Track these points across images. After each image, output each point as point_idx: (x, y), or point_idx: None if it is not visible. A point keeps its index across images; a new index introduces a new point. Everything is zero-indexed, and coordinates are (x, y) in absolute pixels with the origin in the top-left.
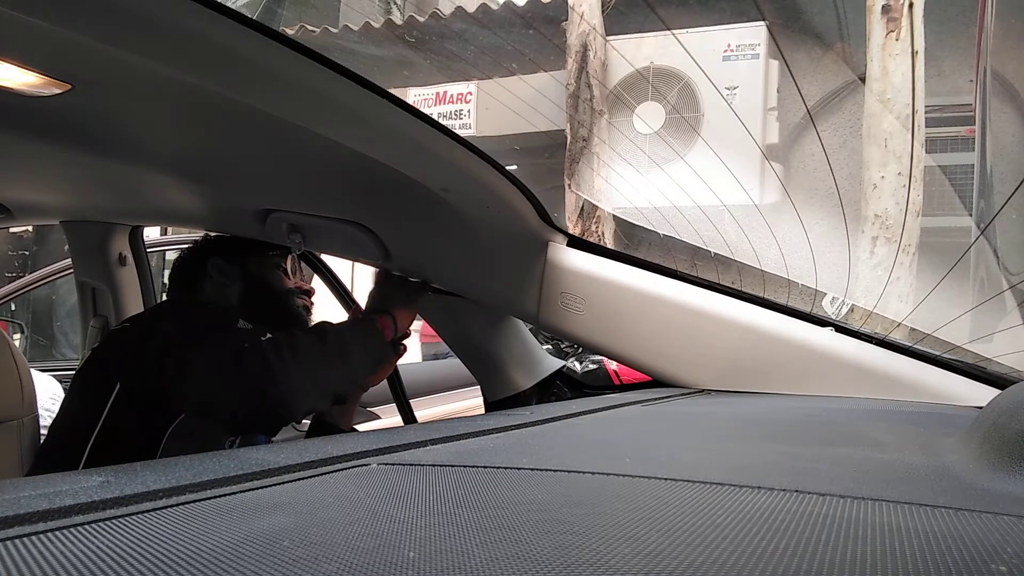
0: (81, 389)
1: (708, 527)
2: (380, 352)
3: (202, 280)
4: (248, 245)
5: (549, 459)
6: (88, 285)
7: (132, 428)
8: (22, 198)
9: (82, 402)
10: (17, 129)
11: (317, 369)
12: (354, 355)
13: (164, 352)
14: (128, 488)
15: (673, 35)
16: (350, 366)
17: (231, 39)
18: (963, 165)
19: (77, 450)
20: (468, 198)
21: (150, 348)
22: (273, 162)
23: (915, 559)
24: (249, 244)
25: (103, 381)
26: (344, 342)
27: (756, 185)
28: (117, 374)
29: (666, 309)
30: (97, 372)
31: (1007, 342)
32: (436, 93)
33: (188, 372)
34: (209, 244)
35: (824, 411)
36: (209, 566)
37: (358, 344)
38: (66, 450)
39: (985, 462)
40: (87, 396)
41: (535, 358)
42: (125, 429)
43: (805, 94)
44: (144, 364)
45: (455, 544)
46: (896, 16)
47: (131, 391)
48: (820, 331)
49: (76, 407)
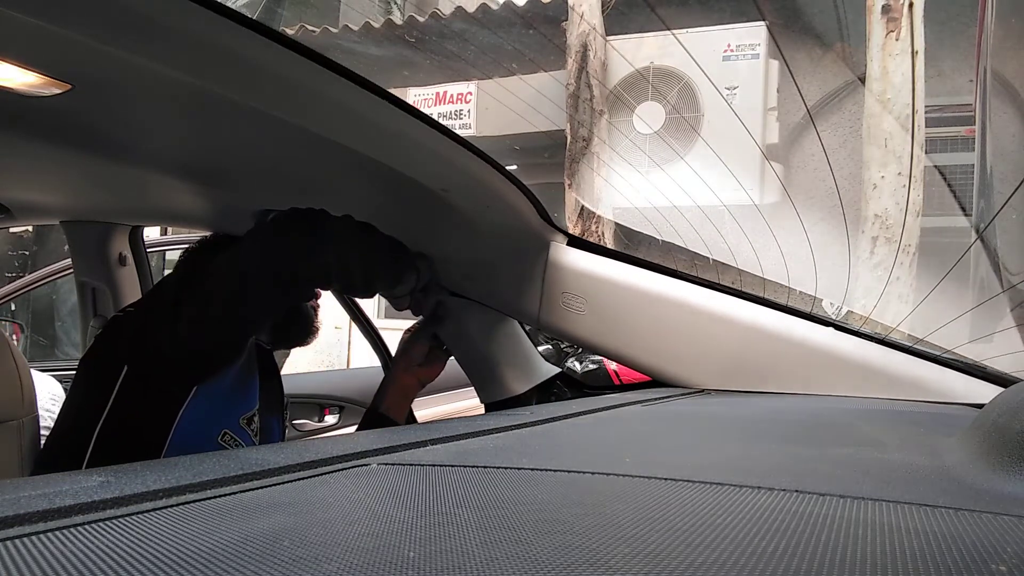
0: (85, 379)
1: (708, 527)
2: (402, 260)
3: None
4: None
5: (549, 459)
6: (88, 285)
7: (140, 413)
8: (22, 198)
9: (87, 392)
10: (17, 129)
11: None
12: (368, 240)
13: (170, 315)
14: (128, 488)
15: (673, 35)
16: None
17: (231, 39)
18: (963, 165)
19: (82, 443)
20: (468, 198)
21: (153, 319)
22: (273, 162)
23: (915, 559)
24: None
25: (109, 366)
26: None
27: (756, 185)
28: (123, 357)
29: (667, 308)
30: (101, 358)
31: (1006, 344)
32: (436, 93)
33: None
34: (216, 241)
35: (824, 411)
36: (209, 566)
37: (376, 238)
38: (69, 445)
39: (985, 462)
40: (91, 385)
41: (531, 363)
42: (133, 416)
43: (805, 94)
44: (147, 334)
45: (455, 544)
46: (896, 16)
47: (138, 371)
48: (821, 330)
49: (80, 398)
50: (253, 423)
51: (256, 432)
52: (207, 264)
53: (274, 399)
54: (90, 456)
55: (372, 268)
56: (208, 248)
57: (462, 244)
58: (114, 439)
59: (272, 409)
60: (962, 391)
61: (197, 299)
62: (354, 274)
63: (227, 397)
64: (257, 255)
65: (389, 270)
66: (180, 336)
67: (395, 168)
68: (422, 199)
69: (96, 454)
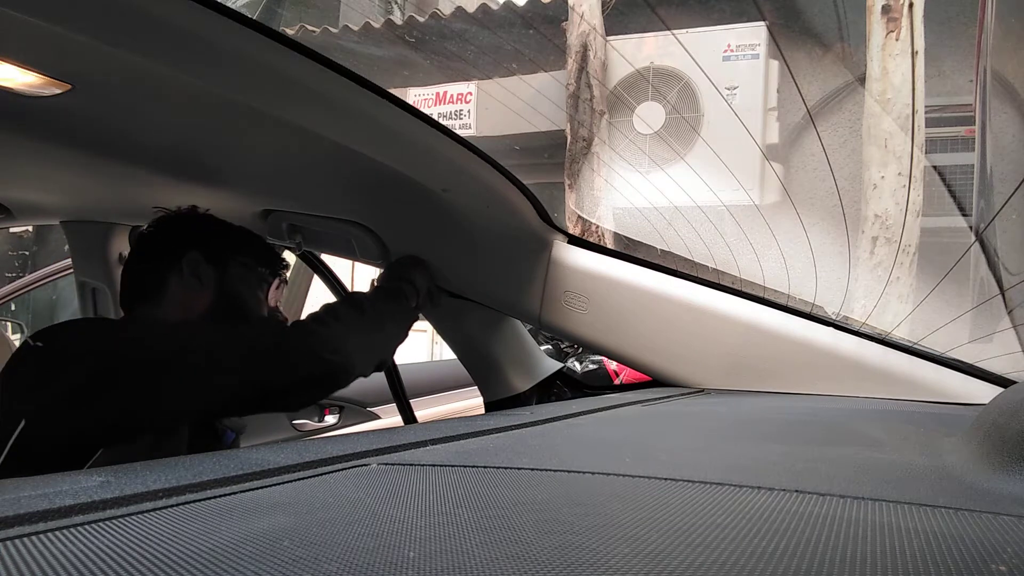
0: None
1: (708, 527)
2: (409, 318)
3: (173, 275)
4: (236, 249)
5: (549, 459)
6: (88, 285)
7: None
8: (22, 198)
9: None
10: (17, 129)
11: (361, 335)
12: (388, 323)
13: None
14: (128, 488)
15: (673, 35)
16: (386, 333)
17: (231, 39)
18: (963, 165)
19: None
20: (468, 198)
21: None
22: (273, 162)
23: (915, 559)
24: (237, 248)
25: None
26: (379, 311)
27: (756, 185)
28: (21, 408)
29: (669, 307)
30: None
31: (1004, 345)
32: (436, 93)
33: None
34: (192, 231)
35: (824, 411)
36: (209, 566)
37: (391, 312)
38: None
39: (985, 462)
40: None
41: (534, 360)
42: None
43: (805, 94)
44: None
45: (455, 544)
46: (896, 16)
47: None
48: (821, 329)
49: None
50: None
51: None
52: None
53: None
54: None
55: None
56: (184, 236)
57: (462, 244)
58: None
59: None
60: (961, 391)
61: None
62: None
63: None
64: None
65: (403, 331)
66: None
67: (395, 168)
68: (422, 199)
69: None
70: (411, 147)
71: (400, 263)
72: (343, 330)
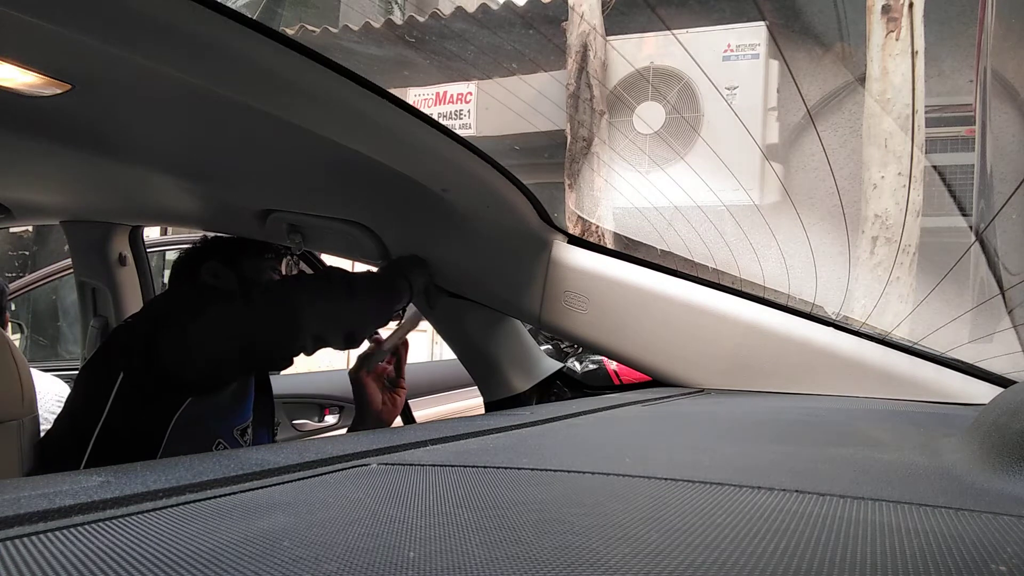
0: (84, 385)
1: (708, 527)
2: (393, 296)
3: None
4: (243, 248)
5: (549, 459)
6: (88, 285)
7: (135, 420)
8: (22, 198)
9: (85, 398)
10: (17, 129)
11: (326, 301)
12: (360, 293)
13: (163, 326)
14: (128, 488)
15: (673, 35)
16: (358, 303)
17: (231, 39)
18: (963, 165)
19: (79, 447)
20: (468, 198)
21: (150, 329)
22: (273, 162)
23: (915, 559)
24: (244, 247)
25: (106, 375)
26: (350, 280)
27: (756, 185)
28: (120, 365)
29: (669, 307)
30: (100, 366)
31: (1004, 345)
32: (436, 93)
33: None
34: (205, 247)
35: (824, 411)
36: (209, 566)
37: (367, 286)
38: (68, 447)
39: (985, 462)
40: (90, 391)
41: (534, 360)
42: (128, 422)
43: (805, 94)
44: (146, 346)
45: (455, 544)
46: (896, 16)
47: (133, 380)
48: (821, 329)
49: (79, 404)
50: (246, 435)
51: (248, 443)
52: (198, 268)
53: (267, 413)
54: (87, 461)
55: (366, 325)
56: (200, 252)
57: (462, 244)
58: (109, 443)
59: (264, 422)
60: (962, 391)
61: (203, 331)
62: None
63: (223, 407)
64: (262, 314)
65: (380, 318)
66: (185, 358)
67: (395, 168)
68: (422, 199)
69: (92, 458)
70: (411, 147)
71: (400, 260)
72: (305, 293)
